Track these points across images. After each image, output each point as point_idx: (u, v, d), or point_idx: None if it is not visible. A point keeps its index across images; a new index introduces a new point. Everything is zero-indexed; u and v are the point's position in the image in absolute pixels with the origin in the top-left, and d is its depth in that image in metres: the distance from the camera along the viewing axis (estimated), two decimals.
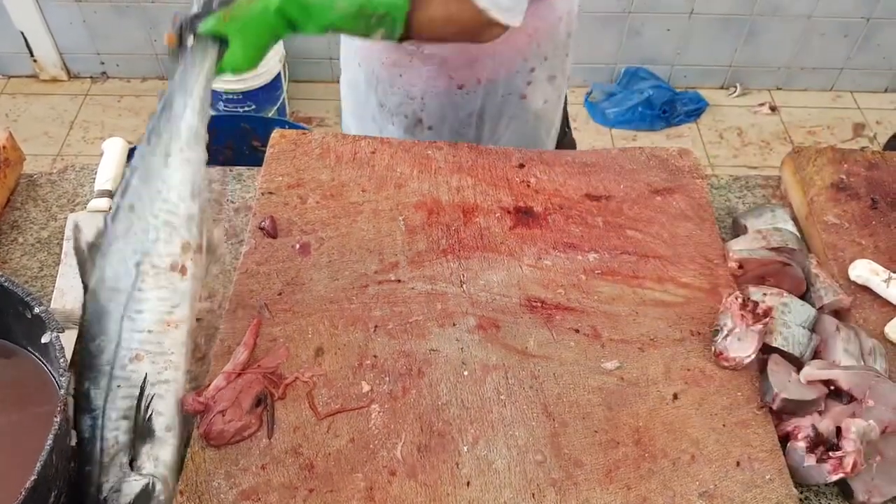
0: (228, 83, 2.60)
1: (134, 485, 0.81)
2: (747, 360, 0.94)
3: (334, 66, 3.02)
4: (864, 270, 1.06)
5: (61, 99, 2.97)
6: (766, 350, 0.95)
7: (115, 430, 0.82)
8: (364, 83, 1.31)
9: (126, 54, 2.98)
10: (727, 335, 0.94)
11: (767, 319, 0.94)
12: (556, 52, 1.27)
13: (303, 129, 1.45)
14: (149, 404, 0.83)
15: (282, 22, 0.93)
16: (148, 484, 0.81)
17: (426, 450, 0.87)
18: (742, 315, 0.94)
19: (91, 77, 3.06)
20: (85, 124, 2.88)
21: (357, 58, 1.31)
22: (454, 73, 1.23)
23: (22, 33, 2.87)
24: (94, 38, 2.92)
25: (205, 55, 0.94)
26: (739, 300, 0.95)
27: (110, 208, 0.92)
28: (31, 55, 2.95)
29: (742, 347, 0.94)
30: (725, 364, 0.95)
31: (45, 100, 2.97)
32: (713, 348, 0.96)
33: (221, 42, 0.94)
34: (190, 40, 0.95)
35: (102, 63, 3.01)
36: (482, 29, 1.03)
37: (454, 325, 0.98)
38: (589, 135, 2.93)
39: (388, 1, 0.95)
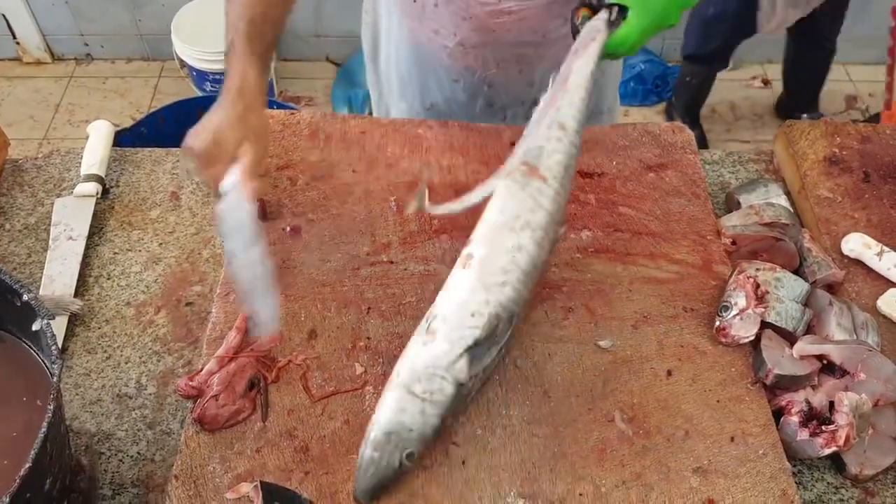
0: (215, 63, 2.57)
1: None
2: (745, 340, 0.94)
3: (322, 43, 2.98)
4: (857, 244, 1.07)
5: (46, 82, 2.93)
6: (759, 325, 0.95)
7: None
8: (466, 90, 1.28)
9: (110, 35, 2.93)
10: (737, 314, 0.94)
11: (765, 303, 0.94)
12: None
13: (291, 108, 1.43)
14: None
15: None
16: None
17: None
18: (754, 297, 0.94)
19: (75, 59, 3.01)
20: (70, 107, 2.84)
21: (454, 70, 1.25)
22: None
23: (3, 15, 2.82)
24: (77, 19, 2.87)
25: (596, 30, 0.94)
26: (751, 281, 0.95)
27: None
28: (14, 37, 2.90)
29: (744, 327, 0.94)
30: (724, 340, 0.95)
31: (30, 83, 2.92)
32: (718, 323, 0.96)
33: (614, 21, 0.95)
34: (580, 16, 0.97)
35: (86, 45, 2.97)
36: None
37: None
38: None
39: None
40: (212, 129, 0.88)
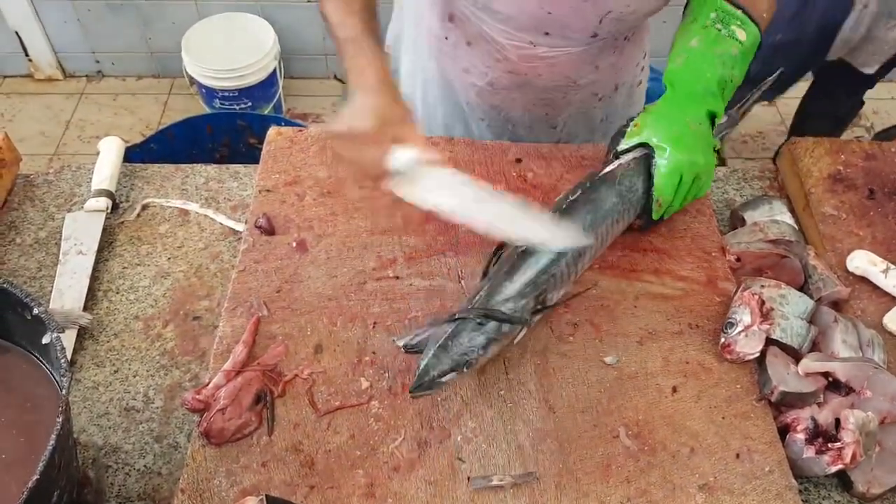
0: (224, 80, 2.59)
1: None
2: (750, 357, 0.94)
3: (329, 62, 3.01)
4: (862, 261, 1.07)
5: (57, 98, 2.96)
6: (764, 342, 0.95)
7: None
8: (490, 129, 1.29)
9: (121, 53, 2.97)
10: (742, 331, 0.94)
11: (770, 320, 0.95)
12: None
13: (299, 126, 1.45)
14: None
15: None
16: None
17: (426, 445, 0.87)
18: (759, 313, 0.94)
19: (86, 76, 3.04)
20: (81, 123, 2.87)
21: (481, 109, 1.27)
22: (599, 90, 1.24)
23: (16, 33, 2.86)
24: (88, 36, 2.91)
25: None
26: (756, 298, 0.95)
27: None
28: (26, 54, 2.94)
29: (749, 344, 0.94)
30: (729, 357, 0.95)
31: (41, 99, 2.96)
32: (723, 340, 0.96)
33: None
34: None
35: (97, 62, 3.00)
36: None
37: None
38: None
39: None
40: (373, 110, 0.84)
